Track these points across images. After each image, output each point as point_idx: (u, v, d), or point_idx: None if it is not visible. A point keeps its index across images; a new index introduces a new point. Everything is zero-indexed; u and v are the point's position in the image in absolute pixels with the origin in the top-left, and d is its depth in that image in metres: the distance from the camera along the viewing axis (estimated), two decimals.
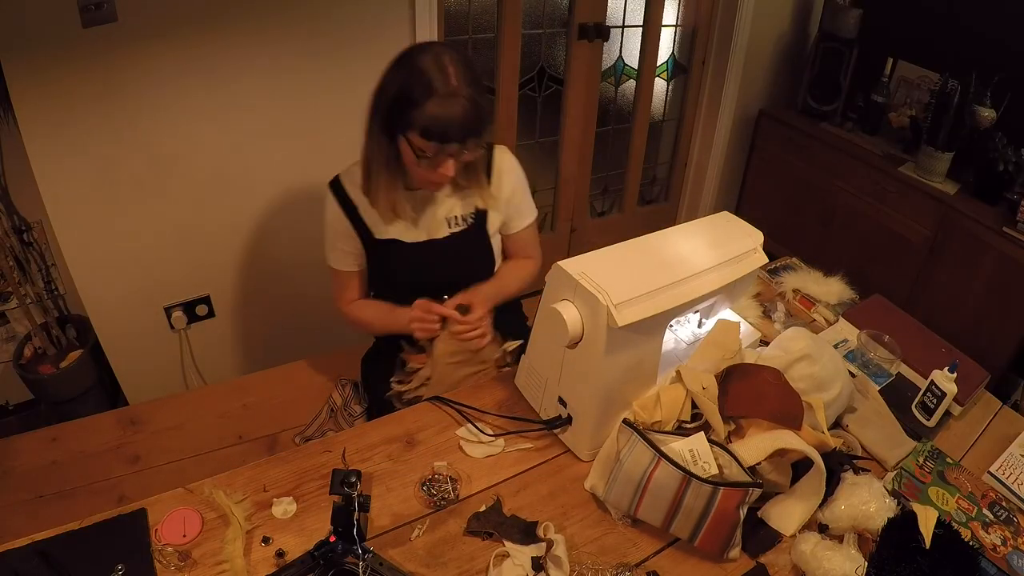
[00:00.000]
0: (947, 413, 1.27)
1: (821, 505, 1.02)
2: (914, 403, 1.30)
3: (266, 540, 0.95)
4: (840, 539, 0.98)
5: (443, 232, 1.34)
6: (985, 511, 1.09)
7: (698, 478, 0.94)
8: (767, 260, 1.23)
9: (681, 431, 1.07)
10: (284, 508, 1.00)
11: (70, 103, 1.56)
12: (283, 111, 1.86)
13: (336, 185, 1.31)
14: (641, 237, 1.16)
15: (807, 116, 2.80)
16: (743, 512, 0.96)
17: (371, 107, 1.19)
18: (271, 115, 1.85)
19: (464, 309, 1.30)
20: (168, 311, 1.97)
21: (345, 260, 1.37)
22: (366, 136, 1.22)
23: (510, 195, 1.37)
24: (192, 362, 2.11)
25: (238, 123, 1.81)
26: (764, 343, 1.35)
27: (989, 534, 1.05)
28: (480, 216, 1.36)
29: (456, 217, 1.35)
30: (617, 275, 1.02)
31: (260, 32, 1.73)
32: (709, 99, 2.86)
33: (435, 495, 1.04)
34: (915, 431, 1.23)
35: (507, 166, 1.36)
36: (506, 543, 0.97)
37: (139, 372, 2.01)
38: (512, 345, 1.39)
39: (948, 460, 1.17)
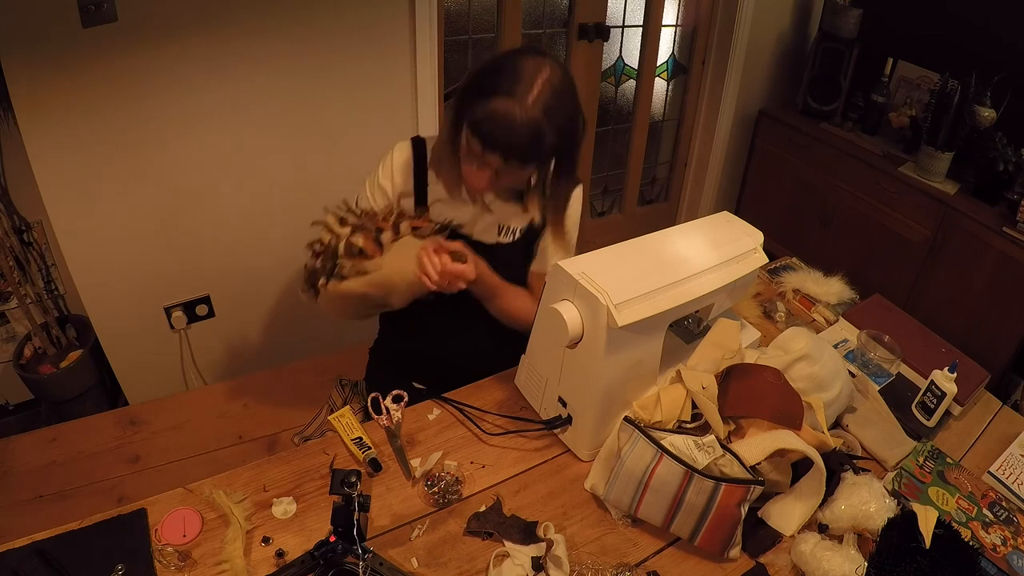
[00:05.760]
0: (947, 413, 1.27)
1: (821, 505, 1.02)
2: (914, 403, 1.29)
3: (266, 540, 0.95)
4: (840, 539, 0.98)
5: (490, 238, 1.27)
6: (985, 511, 1.08)
7: (700, 473, 0.94)
8: (767, 260, 1.23)
9: (681, 431, 1.07)
10: (284, 508, 1.00)
11: (70, 103, 1.56)
12: (283, 111, 1.86)
13: (419, 141, 1.24)
14: (641, 237, 1.16)
15: (807, 116, 2.80)
16: (744, 510, 0.96)
17: (462, 82, 1.12)
18: (271, 115, 1.85)
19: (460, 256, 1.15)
20: (168, 311, 1.97)
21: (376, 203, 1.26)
22: (445, 109, 1.17)
23: (570, 232, 1.31)
24: (192, 362, 2.11)
25: (238, 123, 1.81)
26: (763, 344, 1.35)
27: (989, 534, 1.05)
28: (532, 233, 1.28)
29: (508, 227, 1.27)
30: (617, 275, 1.02)
31: (260, 33, 1.73)
32: (709, 99, 2.86)
33: (437, 492, 1.04)
34: (915, 431, 1.23)
35: (575, 205, 1.29)
36: (506, 543, 0.97)
37: (139, 372, 2.02)
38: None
39: (948, 460, 1.17)
